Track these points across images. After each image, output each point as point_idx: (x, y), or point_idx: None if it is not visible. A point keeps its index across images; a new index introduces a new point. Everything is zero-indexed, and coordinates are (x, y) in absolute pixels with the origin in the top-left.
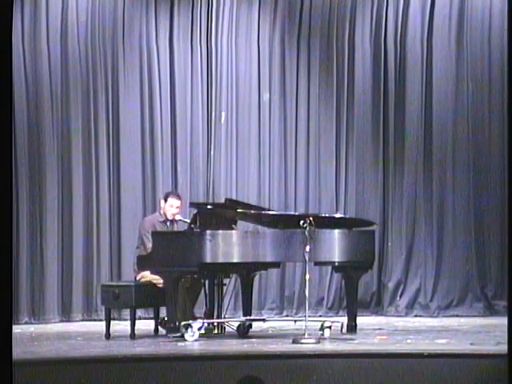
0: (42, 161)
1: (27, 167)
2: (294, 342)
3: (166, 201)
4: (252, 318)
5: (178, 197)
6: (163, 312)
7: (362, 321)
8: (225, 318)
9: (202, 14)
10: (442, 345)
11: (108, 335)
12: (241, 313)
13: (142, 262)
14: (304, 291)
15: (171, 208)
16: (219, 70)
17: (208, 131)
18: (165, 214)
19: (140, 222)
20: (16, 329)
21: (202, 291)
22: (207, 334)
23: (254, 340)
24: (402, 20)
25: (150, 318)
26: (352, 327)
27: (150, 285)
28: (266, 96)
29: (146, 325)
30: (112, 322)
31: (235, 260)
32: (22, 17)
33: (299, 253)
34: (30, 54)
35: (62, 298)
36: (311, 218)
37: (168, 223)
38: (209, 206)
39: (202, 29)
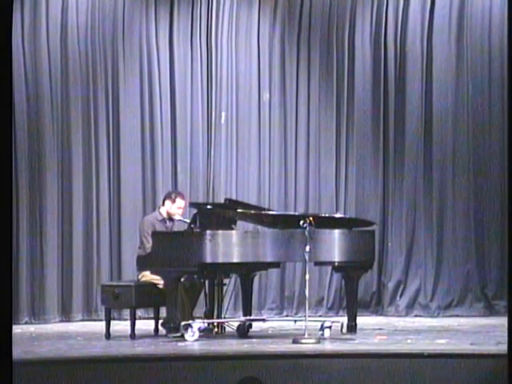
0: (42, 161)
1: (27, 167)
2: (294, 342)
3: (174, 201)
4: (252, 318)
5: (184, 197)
6: (163, 312)
7: (361, 321)
8: (225, 318)
9: (202, 13)
10: (441, 345)
11: (108, 335)
12: (241, 313)
13: (142, 262)
14: (304, 291)
15: (179, 209)
16: (219, 69)
17: (208, 131)
18: (170, 214)
19: (139, 223)
20: (16, 329)
21: (202, 291)
22: (207, 334)
23: (254, 340)
24: (402, 20)
25: (150, 318)
26: (352, 327)
27: (150, 285)
28: (266, 96)
29: (146, 325)
30: (112, 322)
31: (235, 260)
32: (22, 17)
33: (299, 253)
34: (30, 54)
35: (62, 298)
36: (311, 218)
37: (167, 222)
38: (209, 206)
39: (201, 29)
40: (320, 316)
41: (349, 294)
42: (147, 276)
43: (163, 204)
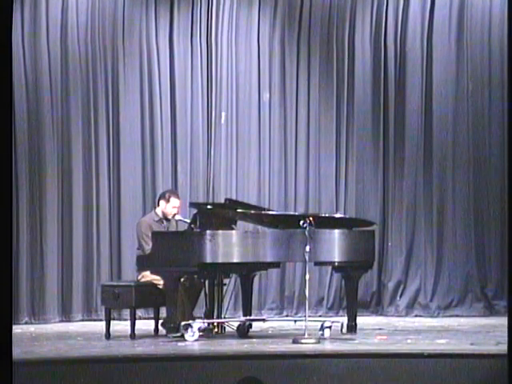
0: (42, 161)
1: (27, 167)
2: (294, 342)
3: (168, 201)
4: (252, 318)
5: (178, 196)
6: (163, 312)
7: (361, 321)
8: (225, 318)
9: (202, 13)
10: (441, 345)
11: (108, 335)
12: (241, 313)
13: (142, 263)
14: (304, 291)
15: (174, 209)
16: (219, 69)
17: (208, 131)
18: (165, 214)
19: (136, 225)
20: (16, 329)
21: (202, 291)
22: (207, 334)
23: (254, 340)
24: (402, 20)
25: (150, 318)
26: (352, 327)
27: (150, 285)
28: (266, 96)
29: (146, 325)
30: (112, 322)
31: (235, 260)
32: (22, 17)
33: (299, 253)
34: (30, 54)
35: (62, 298)
36: (311, 218)
37: (164, 222)
38: (209, 206)
39: (201, 29)
40: (320, 316)
41: (349, 294)
42: (147, 276)
43: (158, 204)
